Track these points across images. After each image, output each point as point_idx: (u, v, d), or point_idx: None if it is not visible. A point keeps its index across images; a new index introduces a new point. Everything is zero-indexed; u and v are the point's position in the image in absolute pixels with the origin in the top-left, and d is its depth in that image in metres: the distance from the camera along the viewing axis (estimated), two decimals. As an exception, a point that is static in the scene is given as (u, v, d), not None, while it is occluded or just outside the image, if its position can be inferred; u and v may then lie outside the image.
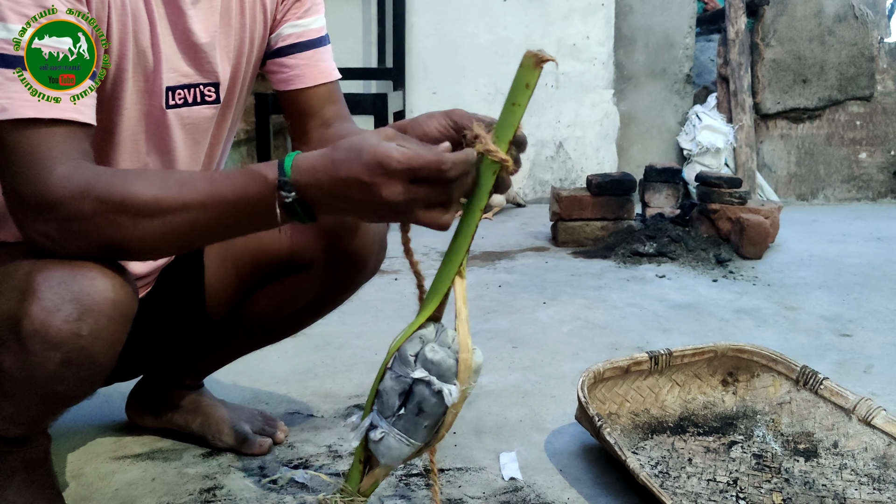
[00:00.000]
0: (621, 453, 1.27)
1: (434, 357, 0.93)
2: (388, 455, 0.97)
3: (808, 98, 4.71)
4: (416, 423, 0.95)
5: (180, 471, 1.38)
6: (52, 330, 0.90)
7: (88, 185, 0.90)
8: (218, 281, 1.35)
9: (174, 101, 1.13)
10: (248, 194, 0.90)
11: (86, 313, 0.92)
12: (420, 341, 0.95)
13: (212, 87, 1.17)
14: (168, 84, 1.12)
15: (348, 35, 4.33)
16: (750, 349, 1.62)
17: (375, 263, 1.36)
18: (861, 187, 4.82)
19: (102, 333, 0.94)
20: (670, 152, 4.75)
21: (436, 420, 0.94)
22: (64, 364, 0.93)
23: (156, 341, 1.36)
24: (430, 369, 0.93)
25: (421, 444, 0.97)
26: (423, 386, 0.93)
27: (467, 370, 0.92)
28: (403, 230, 0.98)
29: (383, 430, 0.96)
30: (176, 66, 1.12)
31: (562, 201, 3.37)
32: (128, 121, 1.10)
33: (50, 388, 0.95)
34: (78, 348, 0.92)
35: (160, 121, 1.13)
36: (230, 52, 1.18)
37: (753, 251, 3.09)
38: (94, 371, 0.97)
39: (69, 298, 0.91)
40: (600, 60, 4.55)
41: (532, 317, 2.36)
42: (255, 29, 1.22)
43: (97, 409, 1.63)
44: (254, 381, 1.77)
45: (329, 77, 1.28)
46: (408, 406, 0.94)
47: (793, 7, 4.64)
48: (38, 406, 1.00)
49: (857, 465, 1.41)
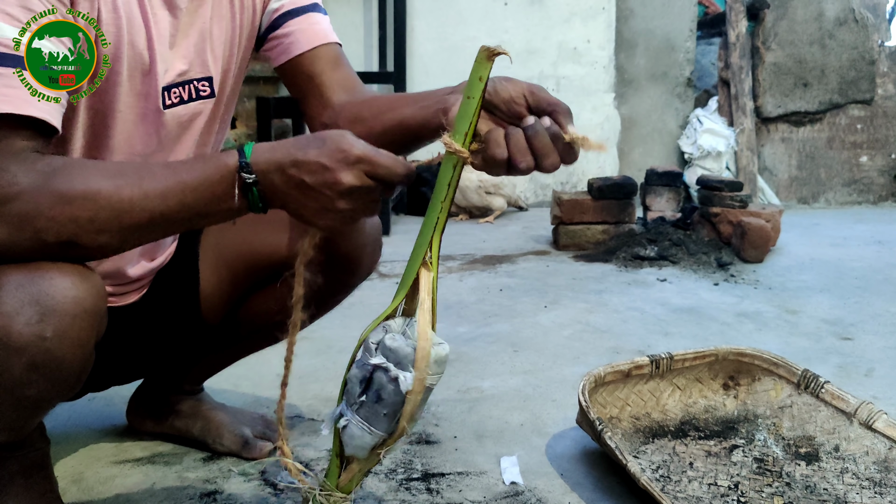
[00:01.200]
0: (622, 457, 1.27)
1: (392, 345, 0.94)
2: (351, 444, 0.98)
3: (809, 101, 4.71)
4: (376, 410, 0.95)
5: (181, 475, 1.38)
6: (14, 335, 0.87)
7: (44, 179, 0.86)
8: (212, 286, 1.35)
9: (171, 101, 1.12)
10: (210, 179, 0.90)
11: (47, 314, 0.88)
12: (384, 330, 0.96)
13: (206, 82, 1.16)
14: (164, 84, 1.11)
15: (350, 39, 4.34)
16: (751, 353, 1.62)
17: (369, 264, 1.36)
18: (862, 191, 4.82)
19: (67, 333, 0.91)
20: (671, 156, 4.76)
21: (394, 409, 0.95)
22: (30, 368, 0.89)
23: (153, 347, 1.36)
24: (388, 356, 0.94)
25: (383, 433, 0.97)
26: (381, 372, 0.94)
27: (424, 359, 0.92)
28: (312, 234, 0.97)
29: (347, 417, 0.97)
30: (171, 65, 1.11)
31: (563, 205, 3.38)
32: (122, 123, 1.09)
33: (20, 394, 0.92)
34: (42, 351, 0.89)
35: (157, 121, 1.12)
36: (223, 44, 1.17)
37: (754, 255, 3.09)
38: (63, 373, 0.93)
39: (28, 301, 0.87)
40: (601, 64, 4.55)
41: (533, 320, 2.36)
42: (245, 16, 1.20)
43: (98, 413, 1.63)
44: (255, 385, 1.77)
45: (327, 38, 1.23)
46: (368, 393, 0.95)
47: (793, 11, 4.65)
48: (12, 412, 0.96)
49: (859, 468, 1.41)
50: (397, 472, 1.40)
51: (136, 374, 1.46)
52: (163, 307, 1.32)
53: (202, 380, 1.51)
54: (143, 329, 1.31)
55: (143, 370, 1.45)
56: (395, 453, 1.47)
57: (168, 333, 1.35)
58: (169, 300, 1.33)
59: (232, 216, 0.93)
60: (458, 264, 3.10)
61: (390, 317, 0.98)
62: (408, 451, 1.48)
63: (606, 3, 4.51)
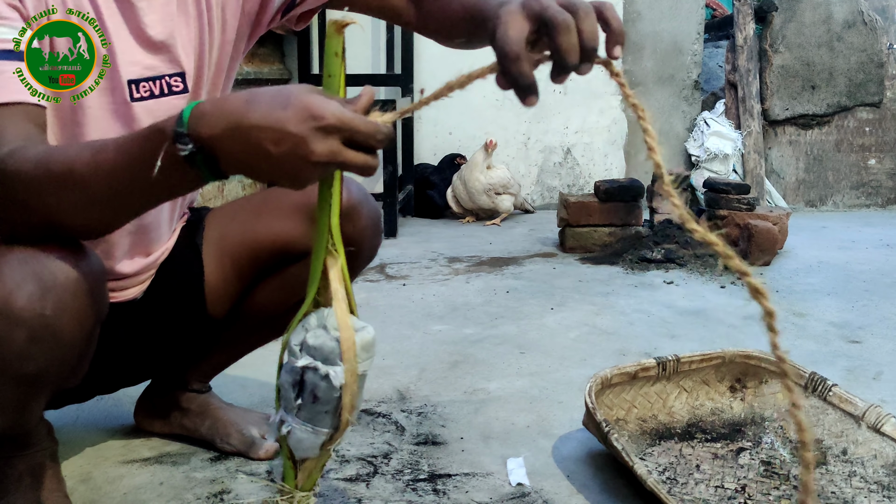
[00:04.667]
0: (629, 459, 1.27)
1: (314, 342, 0.93)
2: (300, 448, 0.97)
3: (817, 104, 4.70)
4: (316, 410, 0.94)
5: (188, 475, 1.39)
6: (16, 308, 0.90)
7: (18, 167, 0.88)
8: (217, 279, 1.35)
9: (139, 94, 1.12)
10: (151, 150, 0.81)
11: (48, 290, 0.91)
12: (304, 329, 0.95)
13: (177, 77, 1.15)
14: (129, 77, 1.10)
15: (357, 42, 4.35)
16: (758, 355, 1.62)
17: (371, 249, 1.35)
18: (870, 194, 4.81)
19: (67, 309, 0.93)
20: (678, 158, 4.75)
21: (333, 405, 0.94)
22: (30, 341, 0.92)
23: (160, 343, 1.36)
24: (314, 355, 0.93)
25: (329, 429, 0.96)
26: (311, 373, 0.93)
27: (350, 349, 0.91)
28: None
29: (289, 423, 0.96)
30: (136, 59, 1.10)
31: (570, 207, 3.37)
32: (94, 120, 1.09)
33: (19, 368, 0.94)
34: (43, 325, 0.92)
35: (127, 115, 1.11)
36: (192, 41, 1.16)
37: (762, 257, 3.08)
38: (63, 349, 0.96)
39: (31, 276, 0.90)
40: (608, 66, 4.54)
41: (540, 322, 2.36)
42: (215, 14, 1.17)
43: (106, 413, 1.64)
44: (261, 385, 1.78)
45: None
46: (304, 396, 0.94)
47: (801, 13, 4.64)
48: (11, 390, 0.98)
49: (867, 472, 1.40)
50: (404, 473, 1.40)
51: (145, 373, 1.47)
52: (167, 302, 1.33)
53: (210, 377, 1.51)
54: (149, 325, 1.31)
55: (150, 369, 1.46)
56: (401, 454, 1.47)
57: (174, 329, 1.36)
58: (173, 295, 1.33)
59: (193, 186, 0.87)
60: (465, 266, 3.11)
61: (307, 315, 0.96)
62: (414, 452, 1.49)
63: (614, 6, 4.51)
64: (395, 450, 1.49)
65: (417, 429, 1.59)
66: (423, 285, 2.79)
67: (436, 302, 2.58)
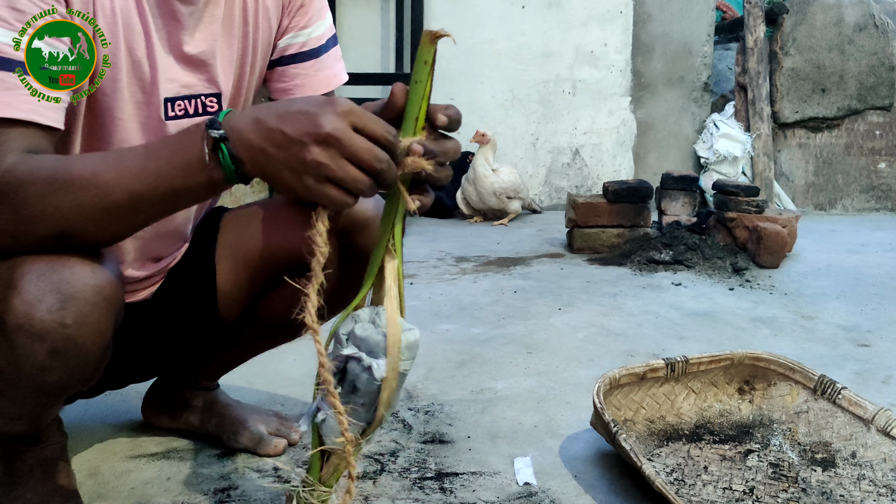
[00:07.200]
0: (637, 460, 1.27)
1: (362, 334, 0.94)
2: (331, 437, 0.98)
3: (827, 107, 4.69)
4: (353, 401, 0.95)
5: (195, 471, 1.39)
6: (36, 322, 0.90)
7: (31, 173, 0.88)
8: (230, 284, 1.35)
9: (174, 113, 1.12)
10: (181, 143, 0.88)
11: (68, 302, 0.91)
12: (353, 321, 0.96)
13: (213, 98, 1.17)
14: (166, 95, 1.11)
15: (367, 41, 4.35)
16: (767, 357, 1.61)
17: None
18: (880, 197, 4.79)
19: (87, 320, 0.93)
20: (687, 160, 4.74)
21: (371, 398, 0.95)
22: (51, 354, 0.92)
23: (169, 343, 1.36)
24: (359, 346, 0.94)
25: (363, 423, 0.97)
26: (354, 363, 0.94)
27: (395, 345, 0.93)
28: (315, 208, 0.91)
29: (324, 411, 0.97)
30: (174, 77, 1.11)
31: (578, 208, 3.37)
32: (123, 132, 1.10)
33: (40, 380, 0.95)
34: (63, 338, 0.92)
35: (159, 132, 1.12)
36: (233, 62, 1.18)
37: (770, 260, 3.07)
38: (82, 360, 0.96)
39: (50, 289, 0.90)
40: (618, 68, 4.54)
41: (547, 323, 2.35)
42: (260, 37, 1.21)
43: (114, 408, 1.64)
44: (269, 382, 1.78)
45: (329, 86, 1.27)
46: (343, 385, 0.95)
47: (812, 16, 4.62)
48: (32, 399, 1.00)
49: (876, 475, 1.40)
50: (411, 472, 1.40)
51: (154, 371, 1.47)
52: (179, 304, 1.33)
53: (218, 376, 1.52)
54: (160, 325, 1.31)
55: (160, 367, 1.46)
56: (408, 452, 1.47)
57: (184, 330, 1.36)
58: (185, 297, 1.34)
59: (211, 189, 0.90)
60: (473, 266, 3.10)
61: (359, 307, 0.98)
62: (421, 450, 1.49)
63: (624, 7, 4.50)
64: (402, 448, 1.49)
65: (425, 427, 1.59)
66: (430, 284, 2.79)
67: (443, 301, 2.58)
